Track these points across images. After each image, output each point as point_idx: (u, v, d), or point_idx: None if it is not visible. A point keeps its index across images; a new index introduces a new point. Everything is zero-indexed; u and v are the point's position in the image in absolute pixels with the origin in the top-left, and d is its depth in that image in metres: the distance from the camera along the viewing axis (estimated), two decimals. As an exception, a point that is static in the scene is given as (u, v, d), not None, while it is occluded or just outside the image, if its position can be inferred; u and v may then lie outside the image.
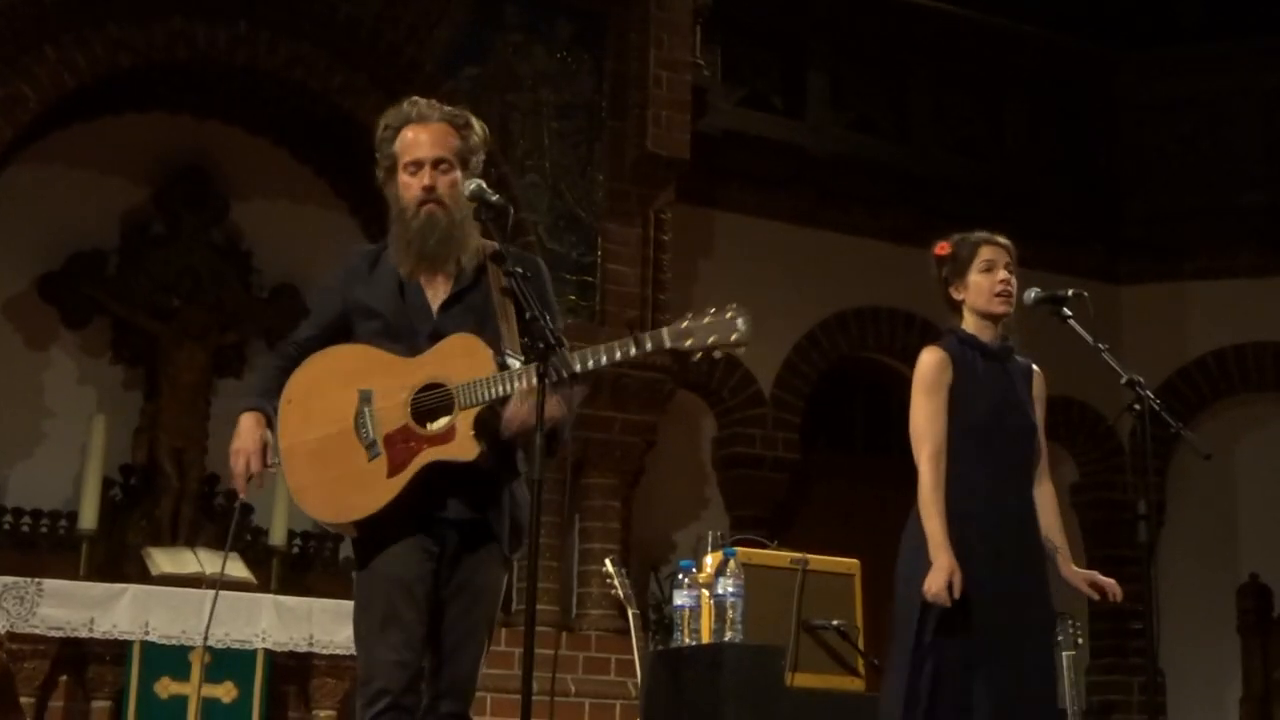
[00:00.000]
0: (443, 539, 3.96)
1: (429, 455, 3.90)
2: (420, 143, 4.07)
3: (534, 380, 3.79)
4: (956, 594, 4.40)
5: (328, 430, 3.98)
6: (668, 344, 3.81)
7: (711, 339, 3.77)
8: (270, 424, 4.06)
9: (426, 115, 4.11)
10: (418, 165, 4.06)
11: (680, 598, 5.62)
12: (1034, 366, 4.78)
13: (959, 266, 4.71)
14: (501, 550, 4.01)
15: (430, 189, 4.03)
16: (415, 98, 4.19)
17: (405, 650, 3.89)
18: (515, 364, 3.90)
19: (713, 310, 3.81)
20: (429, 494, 3.92)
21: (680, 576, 5.66)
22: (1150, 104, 10.55)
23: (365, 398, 3.96)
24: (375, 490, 3.91)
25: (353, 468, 3.94)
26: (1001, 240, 4.73)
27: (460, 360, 3.93)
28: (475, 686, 4.04)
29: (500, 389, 3.86)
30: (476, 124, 4.17)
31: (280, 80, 7.85)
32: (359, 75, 7.82)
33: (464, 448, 3.88)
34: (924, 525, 4.51)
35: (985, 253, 4.69)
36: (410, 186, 4.06)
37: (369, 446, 3.94)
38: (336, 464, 3.95)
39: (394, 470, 3.91)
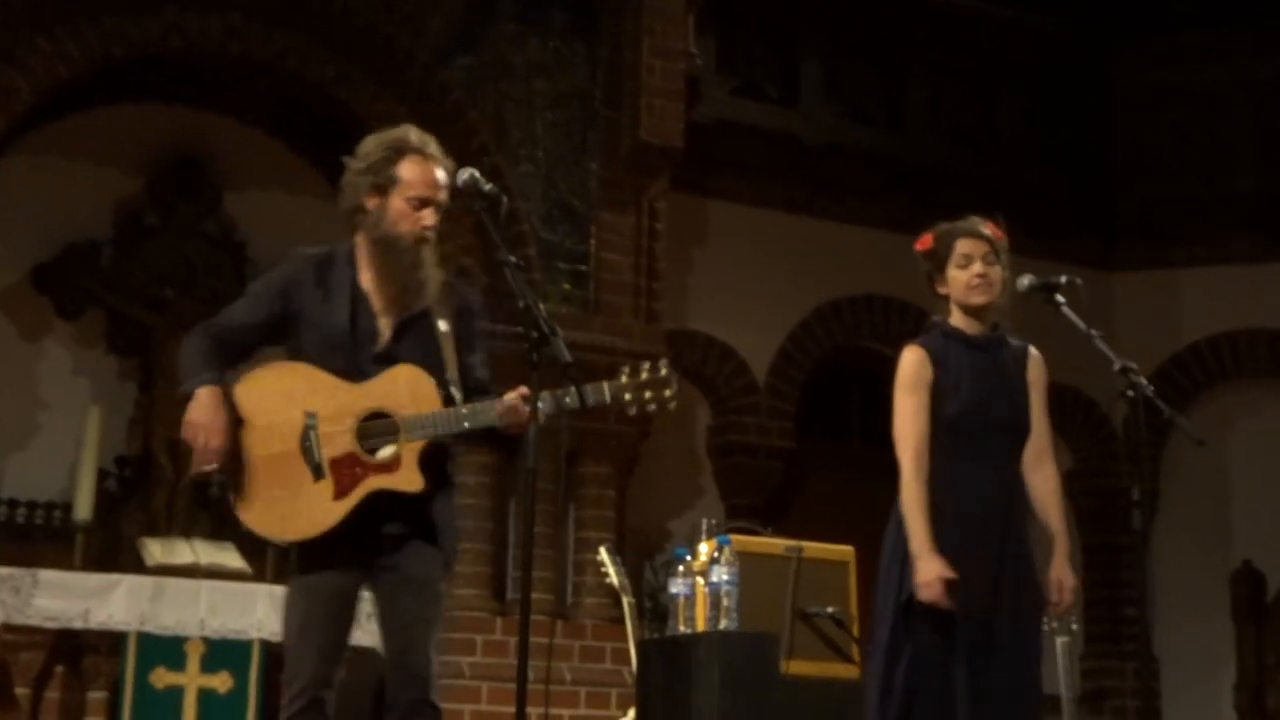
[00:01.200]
0: (378, 550, 4.08)
1: (375, 483, 4.02)
2: (434, 182, 4.15)
3: (481, 421, 3.99)
4: (951, 592, 4.40)
5: (275, 449, 4.06)
6: (608, 398, 4.13)
7: (648, 395, 4.18)
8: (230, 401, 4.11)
9: (435, 155, 4.19)
10: (424, 202, 4.14)
11: (675, 586, 5.63)
12: (1031, 350, 4.77)
13: (939, 261, 4.72)
14: (442, 558, 4.15)
15: (432, 229, 4.13)
16: (420, 131, 4.25)
17: (323, 654, 4.06)
18: (457, 395, 4.06)
19: (648, 367, 4.18)
20: (369, 514, 4.04)
21: (675, 565, 5.67)
22: (1144, 92, 10.56)
23: (311, 420, 4.04)
24: (321, 512, 4.02)
25: (299, 488, 4.03)
26: (981, 231, 4.69)
27: (406, 391, 4.05)
28: (435, 672, 4.13)
29: (449, 427, 4.00)
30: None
31: (274, 71, 7.84)
32: (353, 66, 7.82)
33: (410, 479, 4.02)
34: (907, 525, 4.50)
35: (962, 246, 4.67)
36: (408, 218, 4.12)
37: (315, 469, 4.03)
38: (283, 483, 4.04)
39: (340, 494, 4.02)
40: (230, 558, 7.43)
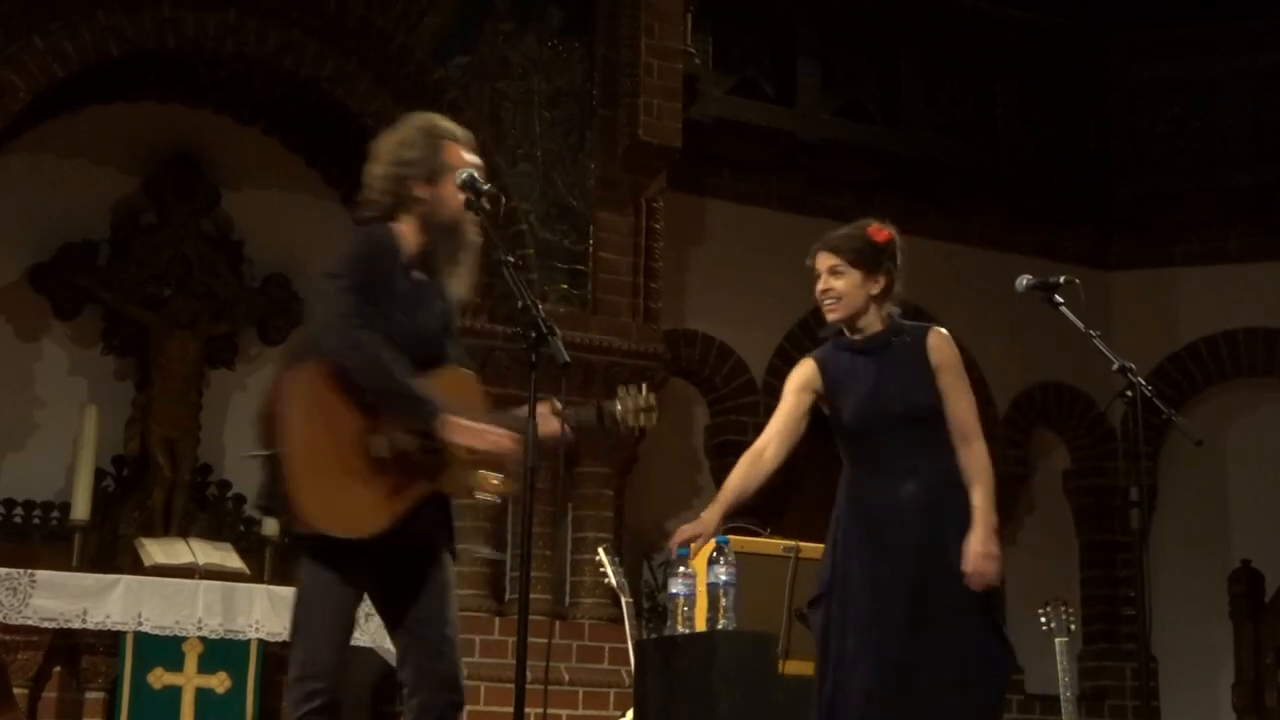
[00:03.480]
0: (407, 550, 4.02)
1: (429, 486, 3.97)
2: (480, 167, 4.17)
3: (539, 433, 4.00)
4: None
5: (342, 438, 3.94)
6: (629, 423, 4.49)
7: (643, 419, 4.56)
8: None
9: (471, 140, 4.22)
10: None
11: (674, 586, 5.62)
12: (931, 333, 4.65)
13: None
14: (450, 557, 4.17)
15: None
16: (446, 118, 4.28)
17: (342, 652, 3.98)
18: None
19: (644, 392, 4.59)
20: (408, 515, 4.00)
21: (674, 565, 5.67)
22: (1140, 86, 10.54)
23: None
24: (377, 509, 3.92)
25: (359, 482, 3.92)
26: (827, 245, 4.80)
27: (460, 396, 4.00)
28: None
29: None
30: None
31: (270, 68, 7.84)
32: (349, 62, 7.80)
33: (455, 483, 4.00)
34: None
35: (816, 265, 4.76)
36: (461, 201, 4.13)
37: (377, 463, 3.94)
38: (344, 474, 3.92)
39: (395, 491, 3.94)
40: (228, 558, 7.42)
